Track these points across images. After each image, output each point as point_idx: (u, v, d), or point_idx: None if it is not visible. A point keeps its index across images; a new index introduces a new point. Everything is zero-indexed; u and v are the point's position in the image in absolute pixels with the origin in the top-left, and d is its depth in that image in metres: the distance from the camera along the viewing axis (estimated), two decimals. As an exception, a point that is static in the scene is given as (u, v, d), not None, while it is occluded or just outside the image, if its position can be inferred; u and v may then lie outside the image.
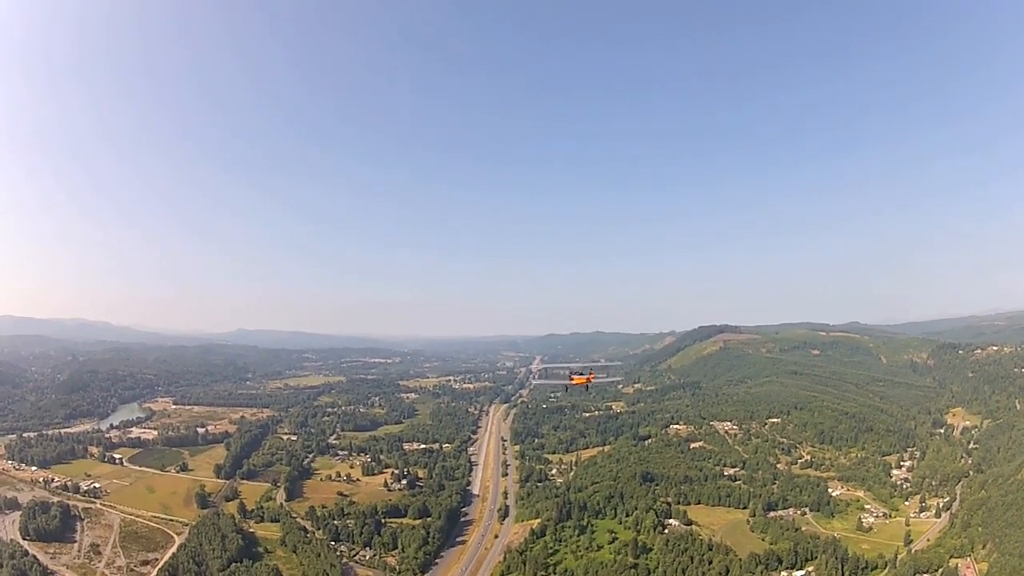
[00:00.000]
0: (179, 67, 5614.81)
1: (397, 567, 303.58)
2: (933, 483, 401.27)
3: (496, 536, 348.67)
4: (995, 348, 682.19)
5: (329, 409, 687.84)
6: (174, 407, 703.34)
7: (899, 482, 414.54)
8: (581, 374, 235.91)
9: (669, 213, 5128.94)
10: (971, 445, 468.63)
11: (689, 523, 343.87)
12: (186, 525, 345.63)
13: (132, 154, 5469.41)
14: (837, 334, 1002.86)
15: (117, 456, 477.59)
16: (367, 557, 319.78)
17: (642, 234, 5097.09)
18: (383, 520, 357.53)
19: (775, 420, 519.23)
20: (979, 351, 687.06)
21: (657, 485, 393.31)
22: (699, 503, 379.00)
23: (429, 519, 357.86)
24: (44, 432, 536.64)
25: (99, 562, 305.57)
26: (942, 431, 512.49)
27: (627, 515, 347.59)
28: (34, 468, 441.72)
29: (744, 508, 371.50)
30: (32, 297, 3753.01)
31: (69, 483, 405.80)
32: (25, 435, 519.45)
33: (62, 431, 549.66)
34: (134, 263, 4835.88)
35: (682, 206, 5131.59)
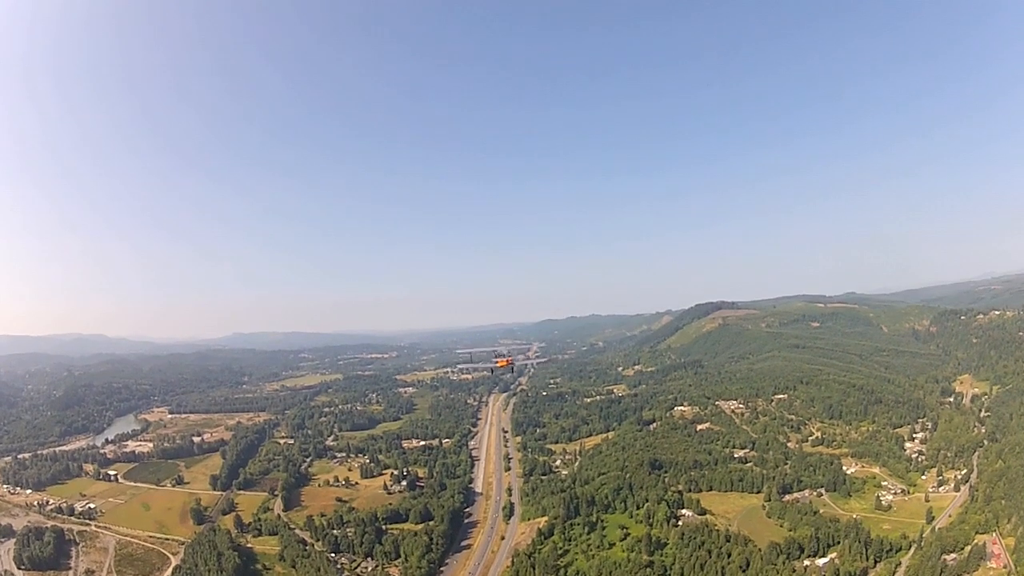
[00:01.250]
0: (160, 76, 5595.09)
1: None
2: (948, 455, 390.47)
3: (502, 537, 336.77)
4: (997, 313, 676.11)
5: (326, 409, 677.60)
6: (170, 416, 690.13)
7: (913, 455, 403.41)
8: (503, 356, 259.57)
9: (656, 195, 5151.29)
10: (983, 413, 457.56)
11: (703, 512, 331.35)
12: (182, 544, 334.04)
13: (116, 165, 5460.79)
14: (836, 305, 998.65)
15: (112, 472, 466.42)
16: (369, 569, 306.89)
17: (632, 216, 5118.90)
18: (384, 527, 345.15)
19: (781, 396, 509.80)
20: (981, 316, 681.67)
21: (666, 472, 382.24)
22: (711, 489, 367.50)
23: (431, 523, 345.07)
24: (39, 452, 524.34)
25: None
26: (952, 400, 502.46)
27: (638, 508, 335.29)
28: (29, 491, 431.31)
29: (758, 492, 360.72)
30: (26, 315, 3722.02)
31: (64, 505, 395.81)
32: (20, 456, 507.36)
33: (57, 449, 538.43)
34: (125, 274, 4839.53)
35: (668, 187, 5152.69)
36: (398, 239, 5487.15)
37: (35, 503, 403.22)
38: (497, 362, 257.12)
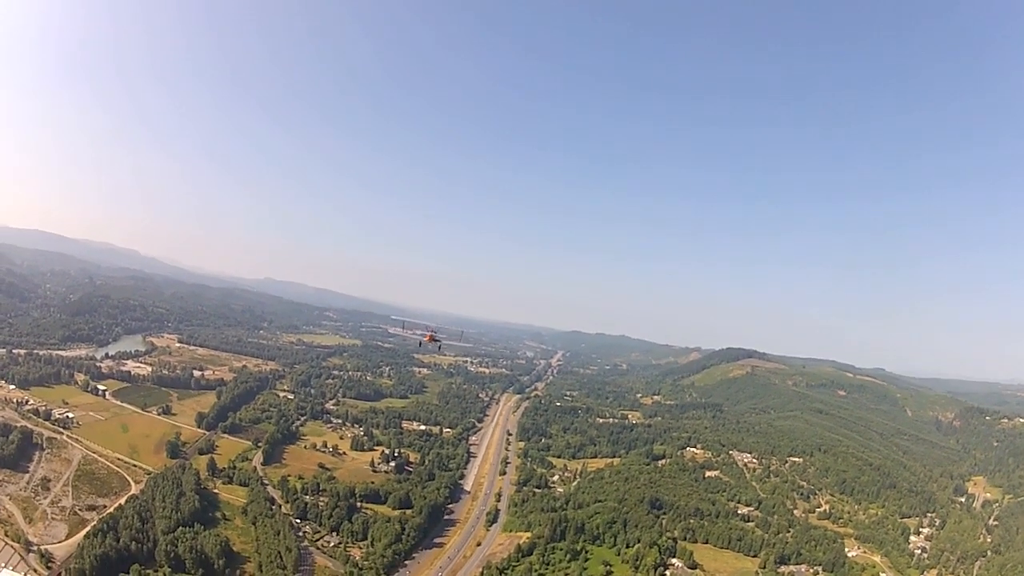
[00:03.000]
0: (245, 18, 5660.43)
1: (360, 562, 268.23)
2: (951, 558, 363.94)
3: (479, 544, 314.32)
4: (1022, 420, 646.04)
5: (336, 372, 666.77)
6: (178, 345, 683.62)
7: (917, 551, 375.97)
8: (432, 331, 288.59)
9: (712, 229, 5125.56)
10: (991, 520, 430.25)
11: (694, 566, 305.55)
12: (148, 474, 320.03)
13: (183, 92, 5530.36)
14: (864, 378, 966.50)
15: (102, 387, 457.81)
16: (331, 544, 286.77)
17: (681, 248, 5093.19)
18: (359, 505, 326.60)
19: (796, 459, 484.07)
20: (1006, 420, 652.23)
21: (665, 514, 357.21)
22: (707, 542, 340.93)
23: (409, 512, 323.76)
24: (35, 351, 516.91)
25: (45, 498, 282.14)
26: (963, 500, 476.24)
27: (628, 546, 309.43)
28: (12, 387, 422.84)
29: (754, 556, 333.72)
30: (65, 216, 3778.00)
31: (42, 408, 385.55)
32: (15, 351, 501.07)
33: (54, 352, 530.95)
34: (168, 196, 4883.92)
35: (723, 224, 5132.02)
36: (443, 216, 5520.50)
37: (14, 400, 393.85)
38: (425, 336, 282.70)
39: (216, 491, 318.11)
